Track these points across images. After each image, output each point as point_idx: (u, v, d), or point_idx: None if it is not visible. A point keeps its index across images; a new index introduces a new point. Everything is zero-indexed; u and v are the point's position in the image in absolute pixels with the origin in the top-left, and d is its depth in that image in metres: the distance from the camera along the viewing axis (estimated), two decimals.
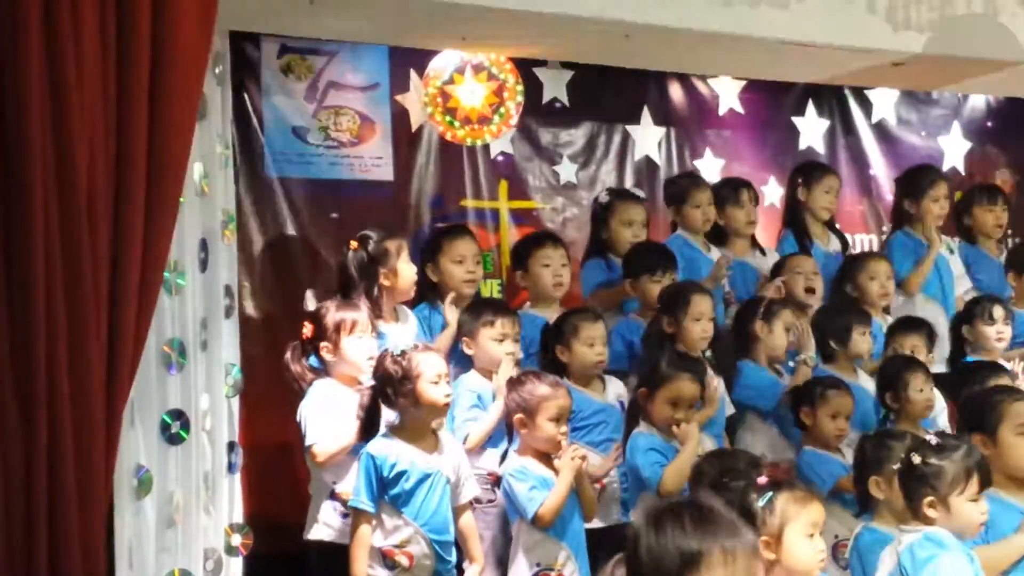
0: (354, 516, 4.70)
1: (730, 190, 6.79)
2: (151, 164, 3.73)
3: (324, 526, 5.02)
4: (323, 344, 5.10)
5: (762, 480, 3.93)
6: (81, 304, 3.59)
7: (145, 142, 3.70)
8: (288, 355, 5.19)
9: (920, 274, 6.86)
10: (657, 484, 5.03)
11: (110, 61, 3.62)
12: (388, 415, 4.86)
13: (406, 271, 5.43)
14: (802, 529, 3.82)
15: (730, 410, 5.81)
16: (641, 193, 6.80)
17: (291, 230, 6.34)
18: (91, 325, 3.62)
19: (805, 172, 7.09)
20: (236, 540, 5.02)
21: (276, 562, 5.50)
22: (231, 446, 5.09)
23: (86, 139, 3.56)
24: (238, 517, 5.12)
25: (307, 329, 5.15)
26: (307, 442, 4.98)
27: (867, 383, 6.07)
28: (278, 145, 6.34)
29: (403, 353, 4.71)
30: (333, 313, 5.11)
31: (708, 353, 5.75)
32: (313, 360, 5.18)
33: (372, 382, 4.84)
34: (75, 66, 3.53)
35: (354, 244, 5.50)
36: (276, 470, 5.93)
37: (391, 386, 4.70)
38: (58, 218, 3.54)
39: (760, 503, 3.83)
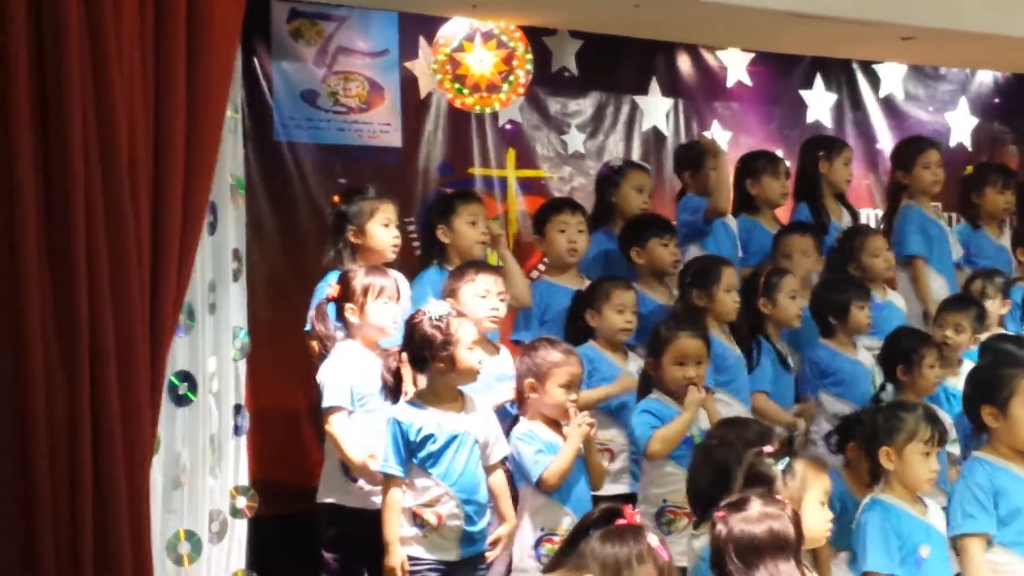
0: (384, 481, 4.72)
1: (766, 161, 6.78)
2: (189, 125, 3.73)
3: (336, 489, 5.06)
4: (348, 306, 5.10)
5: (769, 449, 3.98)
6: (124, 266, 3.60)
7: (183, 103, 3.70)
8: (313, 313, 5.22)
9: None
10: (645, 445, 5.07)
11: (148, 27, 3.62)
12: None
13: (379, 234, 5.43)
14: (818, 496, 3.89)
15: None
16: (646, 165, 6.83)
17: (300, 195, 6.35)
18: (133, 283, 3.63)
19: (825, 145, 7.05)
20: (241, 502, 5.04)
21: (281, 524, 5.55)
22: (237, 409, 5.10)
23: (126, 102, 3.55)
24: (243, 480, 5.13)
25: (334, 289, 5.16)
26: (325, 404, 5.00)
27: (865, 358, 6.09)
28: (287, 110, 6.35)
29: (441, 317, 4.72)
30: (362, 277, 5.12)
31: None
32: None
33: (400, 344, 4.84)
34: (115, 34, 3.53)
35: (336, 198, 5.57)
36: (282, 433, 5.98)
37: (428, 350, 4.70)
38: (100, 182, 3.54)
39: (780, 467, 3.87)
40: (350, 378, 5.02)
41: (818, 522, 3.86)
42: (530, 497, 4.88)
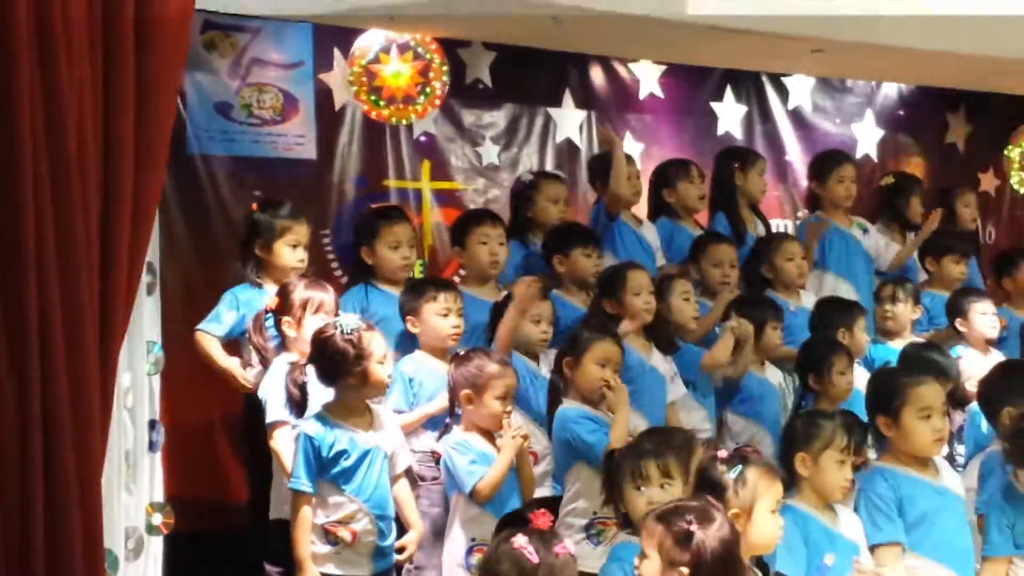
0: (294, 498, 4.66)
1: (679, 167, 6.88)
2: (138, 123, 3.66)
3: (286, 505, 4.95)
4: (286, 319, 5.08)
5: (723, 454, 4.00)
6: (74, 268, 3.52)
7: (132, 102, 3.64)
8: (250, 325, 5.18)
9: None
10: (603, 451, 4.97)
11: (96, 23, 3.56)
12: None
13: (285, 254, 5.42)
14: (769, 504, 3.90)
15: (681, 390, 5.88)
16: (562, 174, 6.86)
17: (214, 207, 6.30)
18: (82, 287, 3.55)
19: (740, 156, 7.18)
20: (157, 519, 4.98)
21: (197, 541, 5.48)
22: (152, 424, 5.04)
23: (75, 102, 3.49)
24: (159, 496, 5.08)
25: (273, 301, 5.13)
26: (268, 419, 4.95)
27: (773, 376, 6.15)
28: (200, 122, 6.29)
29: (353, 331, 4.69)
30: (301, 290, 5.10)
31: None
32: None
33: (307, 358, 4.82)
34: (63, 31, 3.48)
35: (254, 206, 5.57)
36: (197, 449, 5.92)
37: (340, 364, 4.67)
38: (49, 184, 3.47)
39: (731, 475, 3.90)
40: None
41: (770, 529, 3.86)
42: (462, 507, 4.86)
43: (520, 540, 3.52)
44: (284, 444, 4.91)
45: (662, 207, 6.84)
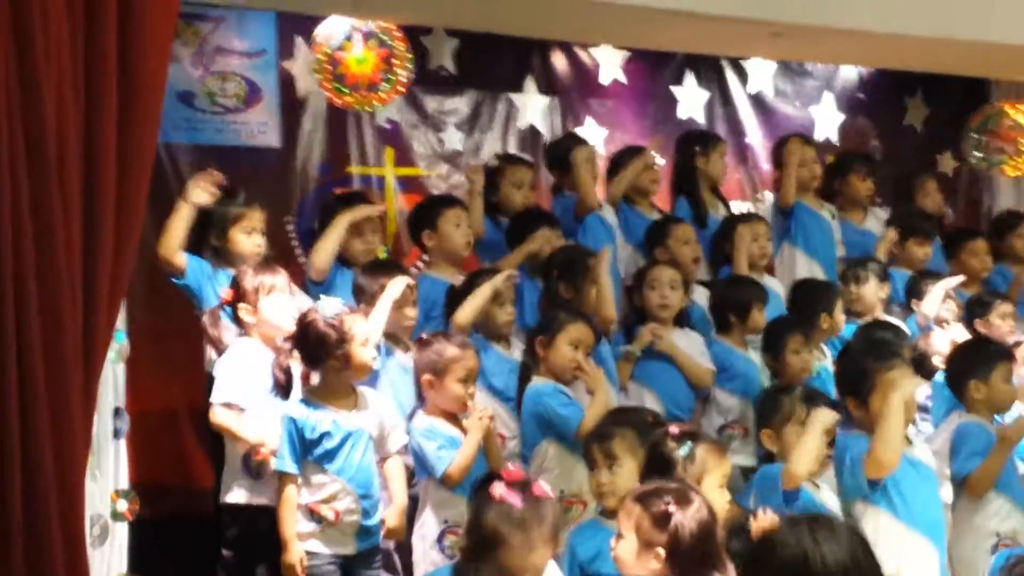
0: (280, 479, 4.72)
1: (632, 153, 6.93)
2: (121, 127, 3.64)
3: (238, 489, 5.04)
4: (242, 306, 5.11)
5: (674, 430, 4.07)
6: (55, 276, 3.48)
7: (115, 106, 3.63)
8: (206, 319, 5.22)
9: None
10: (577, 426, 5.07)
11: (78, 25, 3.54)
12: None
13: (241, 241, 5.45)
14: (717, 480, 3.99)
15: None
16: (528, 157, 6.90)
17: (177, 196, 6.26)
18: (64, 295, 3.51)
19: (701, 140, 7.24)
20: (122, 506, 5.00)
21: (162, 527, 5.51)
22: (117, 412, 5.06)
23: (54, 101, 3.48)
24: (124, 483, 5.11)
25: (226, 293, 5.16)
26: (213, 398, 4.99)
27: (756, 357, 6.20)
28: (164, 111, 6.20)
29: (335, 315, 4.73)
30: (251, 276, 5.13)
31: None
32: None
33: (292, 342, 4.85)
34: (42, 32, 3.45)
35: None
36: (162, 436, 5.94)
37: (323, 348, 4.72)
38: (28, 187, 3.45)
39: (682, 452, 3.96)
40: (244, 374, 5.02)
41: (719, 505, 3.92)
42: (432, 491, 4.90)
43: (499, 489, 3.55)
44: (229, 418, 4.94)
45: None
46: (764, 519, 3.95)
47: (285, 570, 4.68)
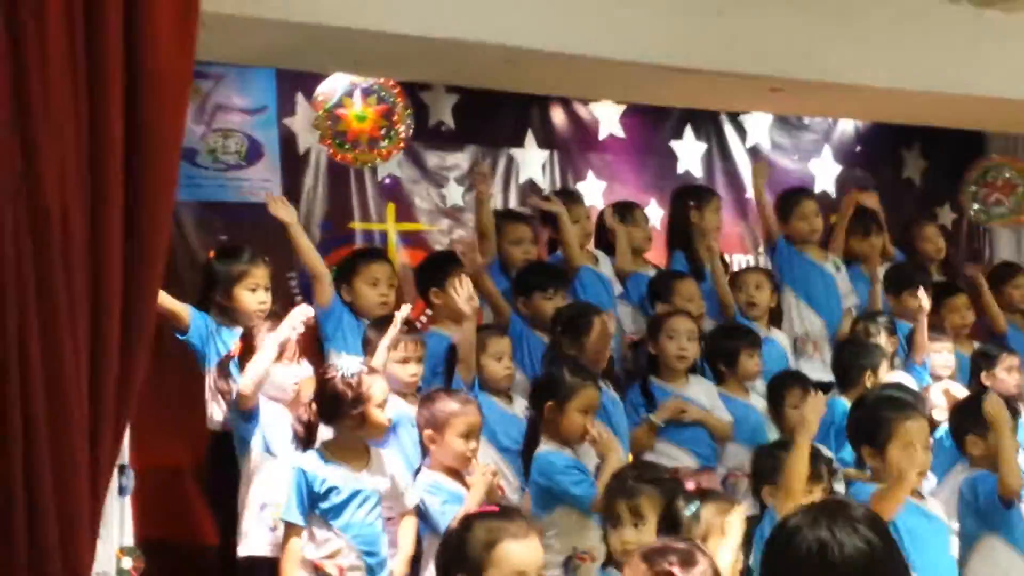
0: (285, 530, 4.73)
1: (623, 211, 6.99)
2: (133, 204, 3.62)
3: (254, 541, 5.02)
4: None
5: (690, 486, 4.06)
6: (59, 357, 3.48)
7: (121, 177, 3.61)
8: (214, 371, 5.23)
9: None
10: (590, 502, 5.05)
11: (80, 72, 3.51)
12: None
13: (245, 298, 5.47)
14: (726, 541, 3.95)
15: None
16: (527, 211, 6.93)
17: (180, 253, 6.32)
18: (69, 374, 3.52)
19: (695, 195, 7.28)
20: (127, 563, 4.99)
21: None
22: (122, 469, 5.06)
23: (56, 159, 3.46)
24: (129, 540, 5.09)
25: (235, 347, 5.16)
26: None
27: (758, 403, 6.25)
28: None
29: (353, 375, 4.75)
30: (263, 334, 5.14)
31: None
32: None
33: (312, 396, 4.90)
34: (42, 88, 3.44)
35: (212, 253, 5.61)
36: (167, 493, 5.92)
37: (339, 406, 4.74)
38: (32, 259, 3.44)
39: (688, 511, 3.96)
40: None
41: (724, 564, 3.87)
42: (436, 547, 4.87)
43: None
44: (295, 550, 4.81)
45: (610, 248, 6.93)
46: None
47: None
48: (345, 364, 4.86)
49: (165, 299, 5.18)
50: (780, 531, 2.52)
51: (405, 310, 5.35)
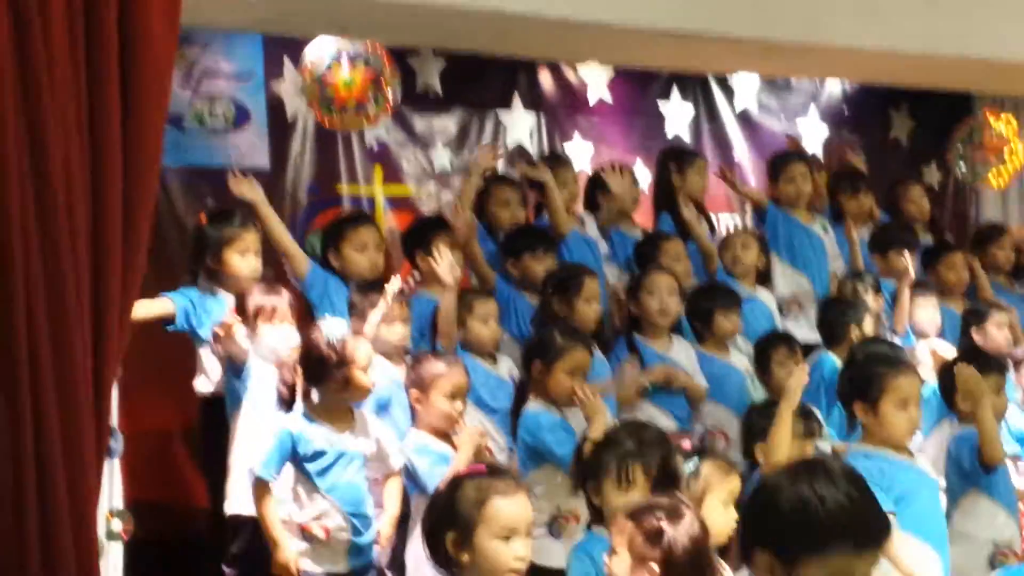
0: (258, 486, 4.73)
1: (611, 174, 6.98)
2: (126, 163, 3.65)
3: (241, 500, 5.05)
4: (243, 327, 5.16)
5: (687, 445, 4.10)
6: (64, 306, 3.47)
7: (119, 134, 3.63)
8: (219, 333, 5.20)
9: None
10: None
11: (79, 51, 3.53)
12: None
13: (236, 262, 5.42)
14: (722, 496, 4.00)
15: None
16: (514, 176, 6.96)
17: (168, 219, 6.34)
18: (74, 326, 3.51)
19: (678, 157, 7.30)
20: (117, 525, 5.02)
21: (157, 546, 5.54)
22: (111, 431, 5.09)
23: (61, 132, 3.46)
24: (118, 503, 5.13)
25: (231, 315, 5.18)
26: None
27: (739, 362, 6.28)
28: None
29: (338, 338, 4.78)
30: (255, 296, 5.16)
31: None
32: None
33: (296, 357, 4.91)
34: (47, 65, 3.45)
35: (202, 217, 5.59)
36: (156, 456, 5.96)
37: (323, 368, 4.76)
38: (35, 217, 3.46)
39: (687, 468, 4.00)
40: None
41: (720, 522, 3.93)
42: (424, 508, 4.89)
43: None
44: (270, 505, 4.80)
45: (597, 209, 6.96)
46: None
47: (278, 569, 4.68)
48: (330, 327, 4.87)
49: (146, 306, 5.09)
50: (761, 489, 2.56)
51: (395, 283, 5.34)
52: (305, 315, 5.58)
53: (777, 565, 2.46)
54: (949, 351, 6.52)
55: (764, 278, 7.00)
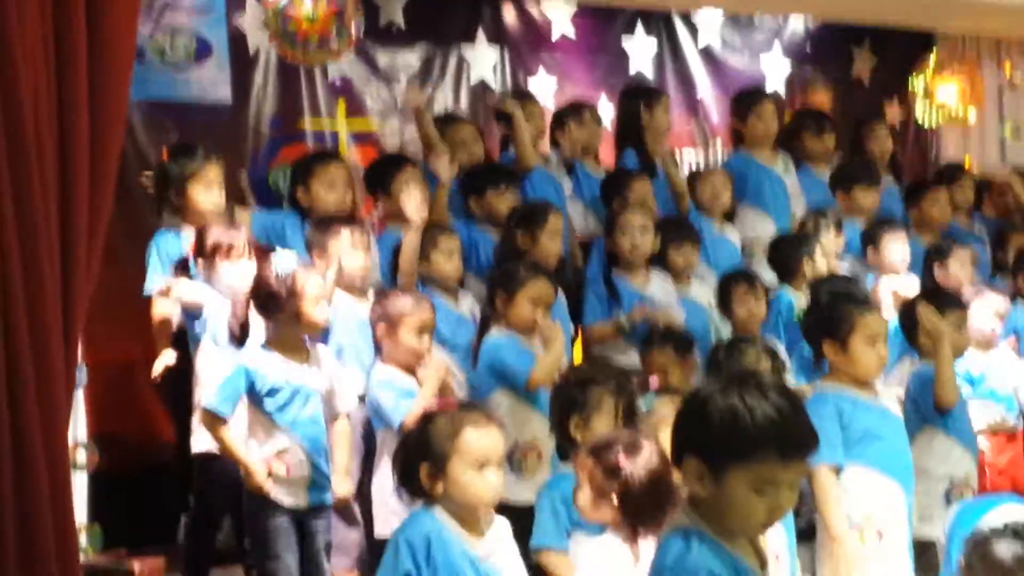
0: (212, 421, 4.70)
1: (572, 111, 6.99)
2: (92, 106, 3.65)
3: (207, 438, 4.98)
4: (200, 260, 5.15)
5: (653, 384, 4.17)
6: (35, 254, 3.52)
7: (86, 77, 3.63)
8: (172, 273, 5.26)
9: None
10: (525, 380, 5.18)
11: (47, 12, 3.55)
12: None
13: (199, 197, 5.42)
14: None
15: None
16: (465, 115, 6.96)
17: (129, 152, 6.28)
18: (45, 271, 3.56)
19: (643, 95, 7.27)
20: (82, 456, 5.07)
21: (120, 479, 5.58)
22: None
23: (30, 66, 3.49)
24: (82, 435, 5.16)
25: (192, 246, 5.18)
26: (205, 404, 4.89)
27: (701, 295, 6.33)
28: None
29: (287, 271, 4.76)
30: (212, 233, 5.15)
31: None
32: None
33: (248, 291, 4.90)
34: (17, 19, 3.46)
35: (164, 153, 5.58)
36: (120, 388, 5.97)
37: (273, 302, 4.74)
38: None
39: (644, 404, 4.08)
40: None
41: None
42: (390, 442, 4.89)
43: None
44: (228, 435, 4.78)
45: (558, 146, 6.96)
46: None
47: (254, 492, 4.67)
48: (280, 260, 4.84)
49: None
50: (693, 398, 2.61)
51: (332, 274, 5.21)
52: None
53: (706, 471, 2.51)
54: (914, 287, 6.57)
55: (729, 217, 7.04)
